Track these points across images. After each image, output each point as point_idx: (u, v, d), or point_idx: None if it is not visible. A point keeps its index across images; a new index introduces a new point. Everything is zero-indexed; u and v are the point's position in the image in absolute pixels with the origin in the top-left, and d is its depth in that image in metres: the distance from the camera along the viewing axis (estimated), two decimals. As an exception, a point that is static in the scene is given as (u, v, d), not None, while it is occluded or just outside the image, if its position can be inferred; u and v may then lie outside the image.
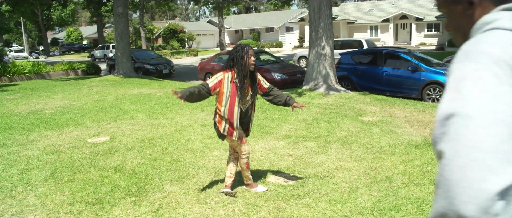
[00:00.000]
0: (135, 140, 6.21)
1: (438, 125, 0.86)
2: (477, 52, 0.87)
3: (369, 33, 38.05)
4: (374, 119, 7.53)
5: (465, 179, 0.76)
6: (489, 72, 0.84)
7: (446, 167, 0.80)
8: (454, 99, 0.85)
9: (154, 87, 13.36)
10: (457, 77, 0.87)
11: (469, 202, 0.75)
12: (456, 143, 0.79)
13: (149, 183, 4.41)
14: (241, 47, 3.88)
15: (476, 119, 0.79)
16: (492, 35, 0.90)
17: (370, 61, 12.00)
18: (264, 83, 4.14)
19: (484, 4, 0.97)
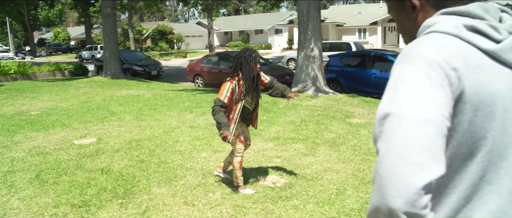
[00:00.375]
0: (123, 141, 6.15)
1: (377, 124, 0.91)
2: (414, 55, 0.93)
3: (358, 35, 38.34)
4: (362, 121, 7.57)
5: (394, 175, 0.82)
6: (423, 74, 0.89)
7: (380, 164, 0.86)
8: (390, 100, 0.90)
9: (142, 89, 13.28)
10: (395, 78, 0.93)
11: (397, 196, 0.81)
12: (388, 141, 0.86)
13: (136, 185, 4.37)
14: (249, 53, 3.92)
15: (408, 119, 0.85)
16: (429, 38, 0.95)
17: (359, 63, 12.08)
18: (264, 78, 4.25)
19: (425, 8, 1.04)
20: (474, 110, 0.92)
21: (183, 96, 11.01)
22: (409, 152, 0.83)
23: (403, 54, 0.97)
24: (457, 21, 0.97)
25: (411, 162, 0.82)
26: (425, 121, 0.85)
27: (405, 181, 0.81)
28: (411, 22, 1.10)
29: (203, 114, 8.35)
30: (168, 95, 11.26)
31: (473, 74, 0.92)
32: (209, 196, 4.05)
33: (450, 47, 0.93)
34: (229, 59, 14.30)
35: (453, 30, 0.95)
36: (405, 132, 0.85)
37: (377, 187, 0.86)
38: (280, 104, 9.42)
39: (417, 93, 0.88)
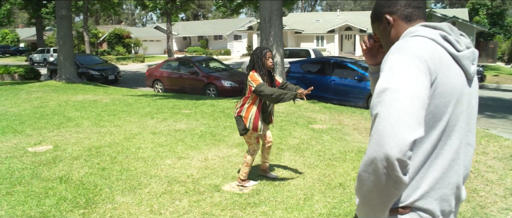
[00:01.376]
0: (82, 148, 5.90)
1: (375, 96, 1.22)
2: (406, 49, 1.27)
3: (316, 43, 39.13)
4: (324, 127, 7.70)
5: (393, 131, 1.12)
6: (413, 63, 1.23)
7: (381, 123, 1.15)
8: (388, 79, 1.22)
9: (99, 94, 12.84)
10: (391, 63, 1.26)
11: (394, 146, 1.11)
12: (389, 107, 1.16)
13: (99, 194, 4.19)
14: (260, 50, 4.20)
15: (403, 93, 1.17)
16: (416, 40, 1.32)
17: (319, 70, 12.31)
18: (278, 78, 4.45)
19: (397, 22, 1.45)
20: (439, 96, 1.26)
21: (143, 102, 10.74)
22: (405, 116, 1.13)
23: (396, 48, 1.31)
24: (435, 31, 1.35)
25: (406, 123, 1.13)
26: (416, 96, 1.17)
27: (401, 136, 1.11)
28: (388, 36, 1.49)
29: (165, 120, 8.18)
30: (127, 101, 10.96)
31: (443, 69, 1.28)
32: (176, 204, 3.95)
33: (431, 47, 1.29)
34: (189, 64, 14.15)
35: (433, 36, 1.33)
36: (402, 102, 1.15)
37: (376, 140, 1.15)
38: (242, 110, 9.40)
39: (409, 75, 1.20)
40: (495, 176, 5.03)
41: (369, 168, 1.18)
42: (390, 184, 1.15)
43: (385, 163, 1.13)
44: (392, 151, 1.11)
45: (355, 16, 41.71)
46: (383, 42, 1.53)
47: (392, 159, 1.11)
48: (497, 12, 34.86)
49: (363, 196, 1.26)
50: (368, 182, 1.20)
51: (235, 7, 24.58)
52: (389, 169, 1.13)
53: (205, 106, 9.99)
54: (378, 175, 1.15)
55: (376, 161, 1.14)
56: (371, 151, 1.16)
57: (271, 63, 4.17)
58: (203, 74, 13.55)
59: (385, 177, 1.14)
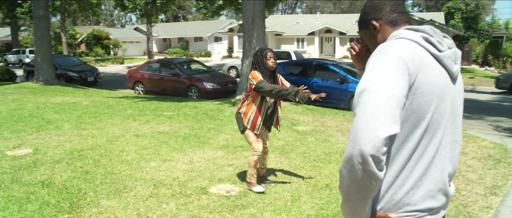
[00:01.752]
0: (63, 152, 5.77)
1: (355, 97, 1.28)
2: (386, 51, 1.34)
3: (296, 45, 39.36)
4: (308, 129, 7.75)
5: (367, 128, 1.18)
6: (392, 65, 1.28)
7: (357, 121, 1.21)
8: (367, 80, 1.27)
9: (79, 96, 12.61)
10: (372, 65, 1.31)
11: (368, 143, 1.16)
12: (364, 106, 1.22)
13: (83, 198, 4.11)
14: (260, 51, 4.15)
15: (379, 93, 1.23)
16: (398, 42, 1.38)
17: (301, 72, 12.39)
18: (285, 82, 4.37)
19: (383, 27, 1.52)
20: (421, 95, 1.30)
21: (124, 104, 10.60)
22: (379, 114, 1.19)
23: (379, 50, 1.37)
24: (417, 33, 1.42)
25: (379, 121, 1.18)
26: (391, 95, 1.23)
27: (375, 133, 1.17)
28: (375, 41, 1.55)
29: (147, 122, 8.09)
30: (108, 103, 10.79)
31: (425, 69, 1.32)
32: (163, 207, 3.91)
33: (411, 49, 1.35)
34: (171, 66, 14.04)
35: (414, 38, 1.40)
36: (376, 101, 1.21)
37: (352, 138, 1.20)
38: (225, 112, 9.38)
39: (386, 76, 1.26)
40: (475, 176, 5.16)
41: (347, 164, 1.23)
42: (366, 179, 1.21)
43: (360, 159, 1.18)
44: (366, 148, 1.16)
45: (335, 18, 42.16)
46: (371, 46, 1.59)
47: (366, 155, 1.16)
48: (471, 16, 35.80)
49: (344, 192, 1.31)
50: (347, 178, 1.25)
51: (216, 8, 24.50)
52: (364, 165, 1.18)
53: (187, 108, 9.92)
54: (354, 171, 1.21)
55: (352, 158, 1.20)
56: (348, 148, 1.22)
57: (273, 63, 4.12)
58: (185, 76, 13.46)
59: (361, 172, 1.20)
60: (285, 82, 4.36)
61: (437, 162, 1.39)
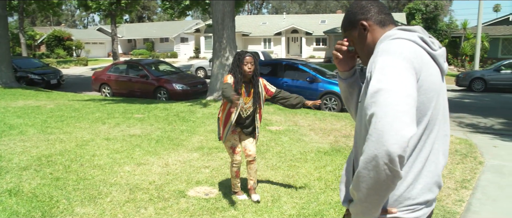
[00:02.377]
0: (30, 158, 5.51)
1: (369, 97, 1.29)
2: (393, 50, 1.36)
3: (263, 45, 39.49)
4: (281, 128, 7.77)
5: (392, 129, 1.19)
6: (401, 64, 1.31)
7: (379, 122, 1.22)
8: (380, 79, 1.29)
9: (42, 99, 12.12)
10: (381, 65, 1.33)
11: (395, 143, 1.18)
12: (384, 106, 1.23)
13: (55, 206, 3.93)
14: (239, 54, 3.87)
15: (396, 92, 1.24)
16: (398, 42, 1.41)
17: (271, 72, 12.43)
18: (270, 87, 4.11)
19: (373, 27, 1.55)
20: (424, 93, 1.35)
21: (91, 107, 10.27)
22: (401, 114, 1.21)
23: (383, 50, 1.39)
24: (413, 34, 1.46)
25: (403, 121, 1.20)
26: (408, 95, 1.26)
27: (400, 133, 1.19)
28: (364, 41, 1.58)
29: (117, 125, 7.87)
30: (74, 106, 10.42)
31: (425, 68, 1.37)
32: (142, 212, 3.80)
33: (413, 48, 1.39)
34: (138, 68, 13.75)
35: (412, 38, 1.43)
36: (396, 101, 1.23)
37: (376, 138, 1.21)
38: (197, 113, 9.27)
39: (399, 75, 1.28)
40: (445, 171, 5.32)
41: (369, 165, 1.23)
42: (390, 179, 1.22)
43: (386, 160, 1.19)
44: (393, 148, 1.18)
45: (301, 19, 42.60)
46: (358, 47, 1.62)
47: (393, 156, 1.18)
48: (431, 17, 37.09)
49: (362, 193, 1.31)
50: (368, 178, 1.26)
51: (182, 9, 24.23)
52: (390, 165, 1.20)
53: (158, 110, 9.73)
54: (378, 171, 1.22)
55: (377, 158, 1.21)
56: (371, 149, 1.22)
57: (249, 69, 3.79)
58: (153, 77, 13.22)
59: (386, 173, 1.21)
60: (270, 87, 4.08)
61: (432, 156, 1.44)
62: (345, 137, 7.15)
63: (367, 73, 1.45)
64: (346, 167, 1.72)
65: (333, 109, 10.98)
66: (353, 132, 7.57)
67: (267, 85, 4.12)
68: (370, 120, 1.27)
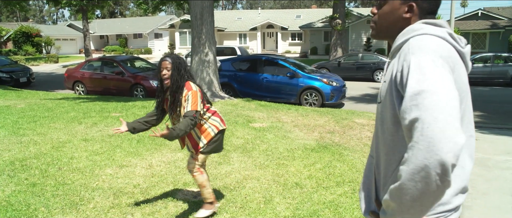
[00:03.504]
0: (2, 163, 5.16)
1: (408, 99, 1.18)
2: (427, 48, 1.24)
3: (238, 40, 39.27)
4: (265, 125, 7.63)
5: (445, 136, 1.08)
6: (439, 63, 1.21)
7: (427, 128, 1.10)
8: (420, 80, 1.17)
9: (12, 98, 11.57)
10: (419, 64, 1.21)
11: (449, 152, 1.08)
12: (433, 111, 1.11)
13: (33, 214, 3.66)
14: (161, 59, 3.40)
15: (442, 95, 1.14)
16: (430, 38, 1.29)
17: (250, 67, 12.27)
18: (189, 106, 3.23)
19: (416, 12, 1.39)
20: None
21: (65, 106, 9.85)
22: (451, 119, 1.11)
23: (416, 47, 1.26)
24: (442, 30, 1.34)
25: (455, 126, 1.10)
26: (454, 97, 1.16)
27: (454, 140, 1.08)
28: (399, 21, 1.42)
29: (95, 124, 7.55)
30: (46, 105, 9.97)
31: (457, 67, 1.29)
32: None
33: (446, 46, 1.29)
34: (113, 64, 13.33)
35: (442, 34, 1.32)
36: (444, 105, 1.12)
37: (426, 147, 1.09)
38: (177, 110, 9.01)
39: (440, 76, 1.18)
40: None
41: (417, 176, 1.12)
42: (440, 189, 1.12)
43: (439, 170, 1.09)
44: (447, 157, 1.07)
45: (276, 14, 42.55)
46: (381, 21, 1.48)
47: (447, 165, 1.08)
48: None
49: (404, 205, 1.19)
50: (414, 190, 1.14)
51: (156, 4, 23.69)
52: (443, 175, 1.09)
53: (136, 108, 9.42)
54: (428, 182, 1.11)
55: (428, 169, 1.09)
56: (419, 159, 1.11)
57: (164, 76, 3.29)
58: (130, 74, 12.84)
59: (436, 183, 1.10)
60: (189, 106, 3.21)
61: (460, 159, 1.34)
62: (330, 133, 7.07)
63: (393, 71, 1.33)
64: (366, 174, 1.60)
65: (314, 105, 10.93)
66: (336, 127, 7.52)
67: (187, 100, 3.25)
68: (413, 126, 1.15)
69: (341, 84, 11.35)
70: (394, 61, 1.36)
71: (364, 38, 30.13)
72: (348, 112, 9.36)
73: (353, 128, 7.51)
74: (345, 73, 17.43)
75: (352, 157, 5.56)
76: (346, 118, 8.41)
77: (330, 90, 10.85)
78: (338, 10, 24.04)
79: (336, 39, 24.53)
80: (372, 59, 18.33)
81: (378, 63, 17.96)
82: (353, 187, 4.38)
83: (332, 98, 10.88)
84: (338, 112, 9.29)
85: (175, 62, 3.30)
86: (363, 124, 7.88)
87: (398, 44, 1.38)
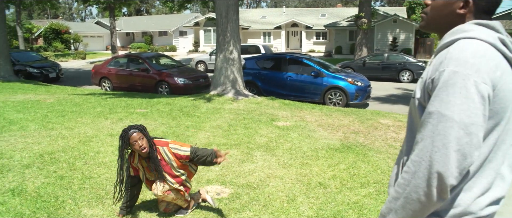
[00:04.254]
0: (32, 155, 5.31)
1: (427, 113, 1.20)
2: (465, 62, 1.17)
3: (263, 39, 39.21)
4: (288, 124, 7.59)
5: (443, 170, 1.16)
6: (471, 83, 1.14)
7: (431, 151, 1.18)
8: (444, 101, 1.16)
9: (41, 93, 11.89)
10: (450, 81, 1.17)
11: (438, 186, 1.17)
12: (443, 139, 1.15)
13: (61, 207, 3.75)
14: (123, 134, 3.29)
15: (460, 126, 1.14)
16: (474, 46, 1.20)
17: (274, 66, 12.23)
18: (183, 151, 3.40)
19: (471, 10, 1.29)
20: (499, 102, 1.20)
21: (92, 101, 10.06)
22: (457, 156, 1.14)
23: (454, 58, 1.19)
24: (492, 33, 1.25)
25: (455, 166, 1.15)
26: (471, 132, 1.14)
27: (446, 181, 1.16)
28: (452, 16, 1.32)
29: (120, 120, 7.67)
30: (74, 100, 10.21)
31: (504, 77, 1.20)
32: (154, 213, 3.62)
33: (492, 55, 1.20)
34: (139, 61, 13.53)
35: (492, 40, 1.22)
36: (457, 138, 1.14)
37: (428, 166, 1.18)
38: (201, 108, 9.07)
39: (468, 102, 1.14)
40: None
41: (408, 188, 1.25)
42: (434, 204, 1.21)
43: (426, 198, 1.21)
44: (435, 192, 1.19)
45: (300, 12, 42.31)
46: (433, 14, 1.38)
47: (432, 197, 1.20)
48: (432, 10, 36.90)
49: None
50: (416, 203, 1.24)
51: (181, 2, 23.94)
52: (428, 202, 1.21)
53: (160, 104, 9.53)
54: (415, 200, 1.23)
55: (418, 189, 1.22)
56: (420, 174, 1.21)
57: (140, 147, 3.23)
58: (155, 71, 13.00)
59: (422, 201, 1.22)
60: (184, 152, 3.40)
61: (502, 168, 1.31)
62: (354, 133, 6.98)
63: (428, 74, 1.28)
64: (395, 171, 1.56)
65: (338, 104, 10.81)
66: (361, 128, 7.41)
67: (178, 149, 3.39)
68: (422, 139, 1.21)
69: (366, 84, 11.19)
70: (434, 61, 1.29)
71: (390, 38, 29.61)
72: (373, 113, 9.22)
73: (378, 128, 7.39)
74: (370, 73, 17.18)
75: (377, 158, 5.47)
76: (371, 119, 8.28)
77: (355, 90, 10.71)
78: (364, 9, 23.71)
79: (361, 38, 24.20)
80: (398, 59, 17.98)
81: (404, 63, 17.61)
82: (377, 188, 4.30)
83: (356, 98, 10.73)
84: (362, 112, 9.16)
85: (143, 130, 3.32)
86: (388, 125, 7.74)
87: (444, 43, 1.31)
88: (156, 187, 3.38)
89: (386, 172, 4.85)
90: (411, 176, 1.22)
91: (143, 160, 3.41)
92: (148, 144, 3.29)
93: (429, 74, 1.28)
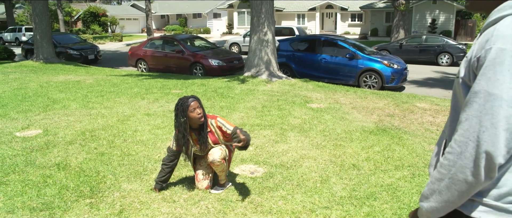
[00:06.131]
0: (74, 132, 5.56)
1: (472, 92, 1.16)
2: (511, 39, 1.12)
3: (297, 21, 38.74)
4: (322, 106, 7.54)
5: (491, 149, 1.13)
6: None
7: (479, 132, 1.14)
8: (491, 80, 1.12)
9: (81, 74, 12.32)
10: (497, 59, 1.13)
11: (486, 166, 1.14)
12: (492, 118, 1.12)
13: (103, 181, 3.92)
14: (181, 102, 3.40)
15: (506, 105, 1.11)
16: None
17: (309, 48, 12.10)
18: (227, 128, 3.50)
19: None
20: None
21: (129, 82, 10.34)
22: (507, 134, 1.11)
23: (501, 35, 1.14)
24: None
25: (504, 145, 1.12)
26: None
27: (497, 160, 1.12)
28: None
29: (156, 100, 7.87)
30: (112, 81, 10.53)
31: None
32: (189, 190, 3.72)
33: None
34: (174, 43, 13.72)
35: None
36: (507, 117, 1.11)
37: (474, 148, 1.15)
38: (235, 89, 9.15)
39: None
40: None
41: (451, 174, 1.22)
42: (481, 184, 1.18)
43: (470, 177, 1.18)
44: (482, 172, 1.15)
45: (335, -7, 41.42)
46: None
47: (479, 176, 1.16)
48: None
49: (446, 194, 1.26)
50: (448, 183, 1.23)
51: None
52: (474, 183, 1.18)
53: (195, 85, 9.68)
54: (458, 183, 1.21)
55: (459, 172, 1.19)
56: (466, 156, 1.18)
57: (198, 115, 3.36)
58: (189, 53, 13.16)
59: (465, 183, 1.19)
60: (227, 128, 3.49)
61: None
62: (389, 116, 6.86)
63: (474, 52, 1.23)
64: (436, 150, 1.54)
65: (373, 87, 10.61)
66: (396, 111, 7.27)
67: (223, 126, 3.52)
68: (466, 118, 1.18)
69: (402, 66, 10.91)
70: (480, 39, 1.24)
71: (429, 19, 28.59)
72: (409, 96, 9.01)
73: (414, 112, 7.23)
74: (407, 56, 16.70)
75: (412, 141, 5.37)
76: (407, 102, 8.10)
77: (390, 73, 10.47)
78: (402, -11, 22.93)
79: (398, 20, 23.49)
80: (437, 42, 17.36)
81: (443, 45, 16.99)
82: (412, 171, 4.24)
83: (392, 81, 10.50)
84: (398, 96, 8.97)
85: (199, 101, 3.47)
86: (425, 108, 7.56)
87: (491, 20, 1.25)
88: (212, 153, 3.48)
89: (422, 155, 4.76)
90: (457, 157, 1.19)
91: (192, 132, 3.53)
92: (204, 114, 3.45)
93: (474, 53, 1.23)
